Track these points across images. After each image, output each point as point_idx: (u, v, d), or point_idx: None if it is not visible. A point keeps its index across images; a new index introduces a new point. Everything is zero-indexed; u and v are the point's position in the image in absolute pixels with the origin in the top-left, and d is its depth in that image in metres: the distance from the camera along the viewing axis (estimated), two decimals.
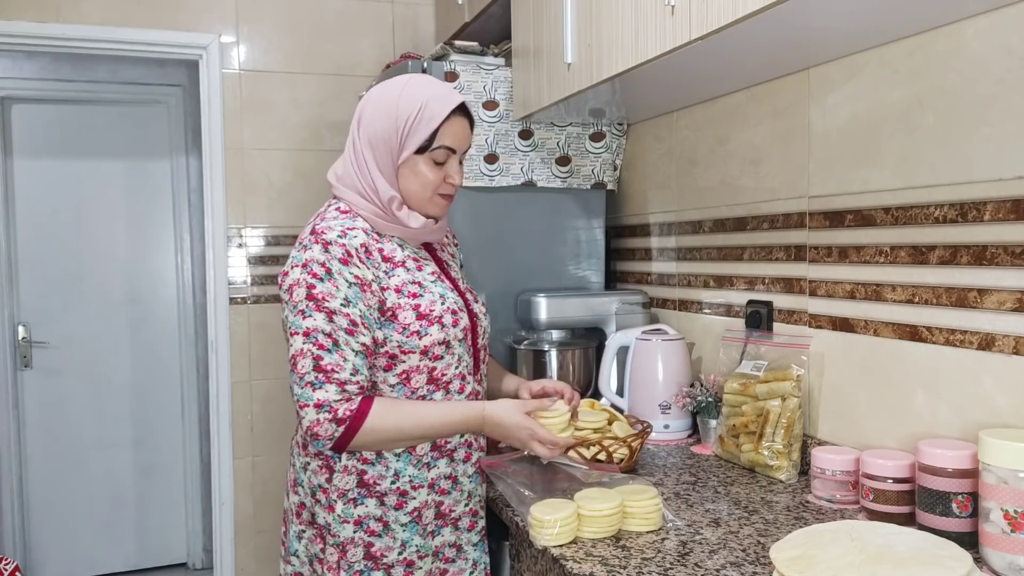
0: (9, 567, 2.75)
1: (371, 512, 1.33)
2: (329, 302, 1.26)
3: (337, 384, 1.25)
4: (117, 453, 3.71)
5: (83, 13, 2.73)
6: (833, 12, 1.26)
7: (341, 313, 1.26)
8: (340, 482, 1.33)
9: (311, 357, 1.25)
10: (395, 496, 1.34)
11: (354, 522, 1.33)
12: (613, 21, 1.63)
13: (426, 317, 1.32)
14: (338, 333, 1.26)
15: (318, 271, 1.27)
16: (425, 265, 1.40)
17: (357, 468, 1.33)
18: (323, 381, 1.25)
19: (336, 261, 1.28)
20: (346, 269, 1.28)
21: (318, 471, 1.35)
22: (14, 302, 3.56)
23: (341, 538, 1.33)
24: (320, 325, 1.26)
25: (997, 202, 1.26)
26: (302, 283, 1.27)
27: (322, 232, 1.30)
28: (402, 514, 1.34)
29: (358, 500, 1.33)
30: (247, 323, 2.93)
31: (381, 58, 3.01)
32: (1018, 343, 1.23)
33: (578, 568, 1.15)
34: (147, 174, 3.71)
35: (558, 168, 2.27)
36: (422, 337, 1.32)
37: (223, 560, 2.95)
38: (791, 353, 1.65)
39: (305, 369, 1.25)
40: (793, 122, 1.71)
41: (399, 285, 1.33)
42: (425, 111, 1.33)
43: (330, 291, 1.26)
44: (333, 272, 1.27)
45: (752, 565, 1.15)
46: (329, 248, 1.28)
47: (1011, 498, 1.06)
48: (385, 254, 1.35)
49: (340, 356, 1.26)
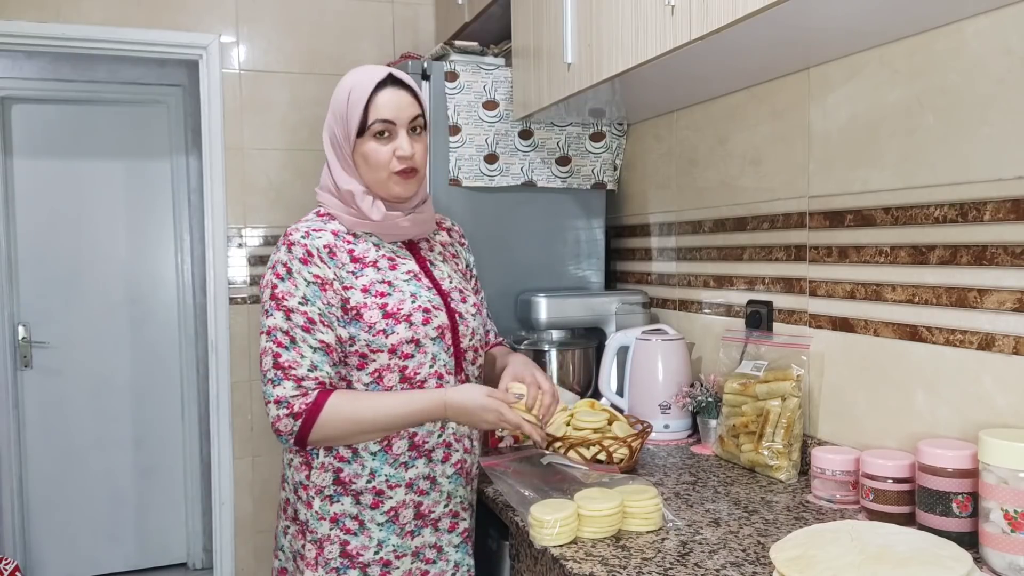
0: (9, 567, 2.75)
1: (347, 510, 1.35)
2: (287, 300, 1.30)
3: (294, 380, 1.28)
4: (117, 453, 3.71)
5: (83, 13, 2.73)
6: (833, 12, 1.26)
7: (298, 311, 1.30)
8: (317, 479, 1.35)
9: (271, 355, 1.30)
10: (371, 495, 1.35)
11: (330, 519, 1.34)
12: (613, 21, 1.63)
13: (393, 316, 1.33)
14: (295, 331, 1.29)
15: (280, 271, 1.32)
16: (401, 264, 1.41)
17: (333, 465, 1.34)
18: (281, 377, 1.29)
19: (296, 261, 1.31)
20: (305, 268, 1.31)
21: (299, 468, 1.37)
22: (14, 302, 3.56)
23: (318, 535, 1.35)
24: (279, 323, 1.30)
25: (997, 202, 1.26)
26: (268, 283, 1.33)
27: (289, 234, 1.35)
28: (378, 513, 1.35)
29: (334, 497, 1.35)
30: (247, 323, 2.93)
31: (381, 58, 3.01)
32: (1018, 343, 1.23)
33: (578, 568, 1.15)
34: (147, 174, 3.71)
35: (558, 168, 2.27)
36: (388, 335, 1.32)
37: (223, 560, 2.94)
38: (791, 353, 1.65)
39: (267, 366, 1.30)
40: (793, 122, 1.71)
41: (366, 285, 1.34)
42: (353, 94, 1.35)
43: (289, 290, 1.30)
44: (293, 271, 1.31)
45: (752, 565, 1.15)
46: (292, 248, 1.32)
47: (1011, 498, 1.06)
48: (355, 255, 1.37)
49: (297, 352, 1.29)
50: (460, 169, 2.17)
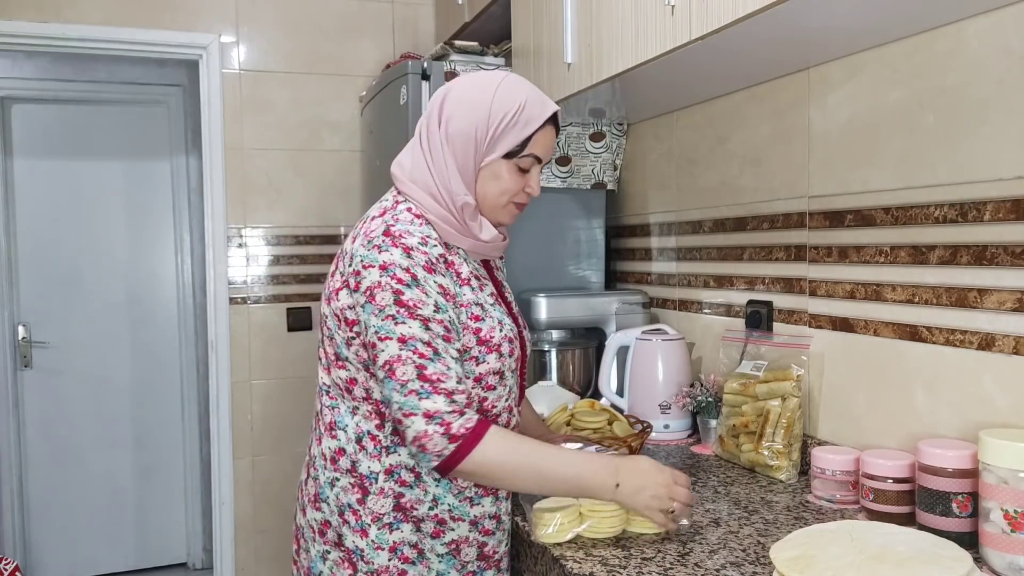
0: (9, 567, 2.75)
1: (406, 538, 1.22)
2: (422, 309, 1.15)
3: (445, 394, 1.13)
4: (117, 453, 3.71)
5: (83, 13, 2.73)
6: (833, 12, 1.26)
7: (435, 320, 1.16)
8: (375, 505, 1.21)
9: (413, 365, 1.14)
10: (432, 523, 1.23)
11: (389, 548, 1.22)
12: (613, 21, 1.63)
13: (486, 343, 1.23)
14: (437, 341, 1.15)
15: (403, 276, 1.16)
16: (485, 285, 1.29)
17: (394, 491, 1.22)
18: (430, 391, 1.13)
19: (420, 268, 1.17)
20: (431, 277, 1.17)
21: (349, 489, 1.23)
22: (14, 302, 3.56)
23: (375, 565, 1.21)
24: (417, 333, 1.15)
25: (997, 202, 1.26)
26: (386, 287, 1.15)
27: (400, 236, 1.18)
28: (439, 544, 1.24)
29: (393, 525, 1.22)
30: (247, 323, 2.93)
31: (381, 58, 3.01)
32: (1018, 343, 1.23)
33: (578, 568, 1.15)
34: (147, 174, 3.71)
35: (558, 168, 2.27)
36: (479, 364, 1.22)
37: (223, 560, 2.95)
38: (791, 353, 1.65)
39: (407, 376, 1.13)
40: (793, 122, 1.71)
41: (465, 304, 1.23)
42: (523, 113, 1.23)
43: (420, 298, 1.16)
44: (419, 279, 1.16)
45: (752, 565, 1.15)
46: (411, 254, 1.17)
47: (1011, 498, 1.06)
48: (455, 268, 1.24)
49: (443, 364, 1.15)
50: None
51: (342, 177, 3.01)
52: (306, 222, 2.99)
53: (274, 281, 2.96)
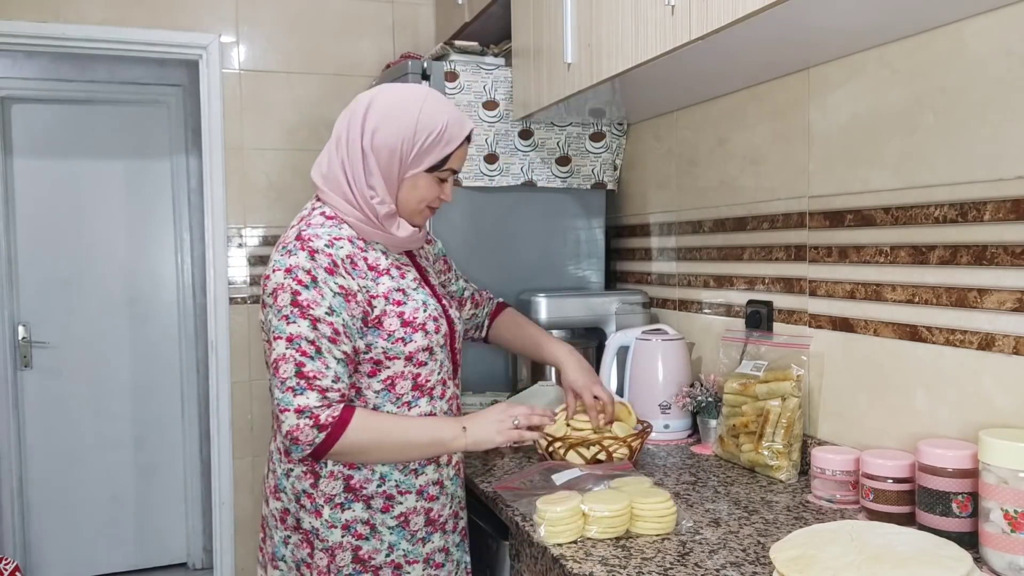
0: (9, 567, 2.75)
1: (358, 516, 1.34)
2: (314, 309, 1.26)
3: (319, 391, 1.25)
4: (117, 453, 3.71)
5: (83, 13, 2.73)
6: (833, 12, 1.26)
7: (325, 321, 1.26)
8: (326, 487, 1.33)
9: (293, 363, 1.25)
10: (381, 499, 1.35)
11: (341, 526, 1.33)
12: (613, 21, 1.63)
13: (410, 324, 1.34)
14: (321, 341, 1.26)
15: (303, 278, 1.26)
16: (407, 272, 1.41)
17: (343, 473, 1.33)
18: (304, 387, 1.24)
19: (322, 270, 1.27)
20: (331, 279, 1.28)
21: (302, 476, 1.34)
22: (14, 302, 3.56)
23: (330, 543, 1.33)
24: (304, 332, 1.25)
25: (997, 202, 1.26)
26: (287, 288, 1.26)
27: (308, 239, 1.29)
28: (388, 517, 1.35)
29: (345, 504, 1.33)
30: (247, 323, 2.93)
31: (381, 58, 3.01)
32: (1018, 343, 1.23)
33: (578, 568, 1.15)
34: (147, 174, 3.71)
35: (558, 168, 2.27)
36: (407, 344, 1.33)
37: (223, 560, 2.95)
38: (791, 353, 1.65)
39: (287, 374, 1.25)
40: (793, 122, 1.71)
41: (385, 292, 1.33)
42: (445, 133, 1.34)
43: (315, 299, 1.26)
44: (319, 280, 1.27)
45: (752, 565, 1.15)
46: (315, 256, 1.27)
47: (1011, 498, 1.06)
48: (370, 263, 1.35)
49: (322, 363, 1.25)
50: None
51: None
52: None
53: None
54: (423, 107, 1.34)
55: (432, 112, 1.34)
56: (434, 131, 1.33)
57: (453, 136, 1.36)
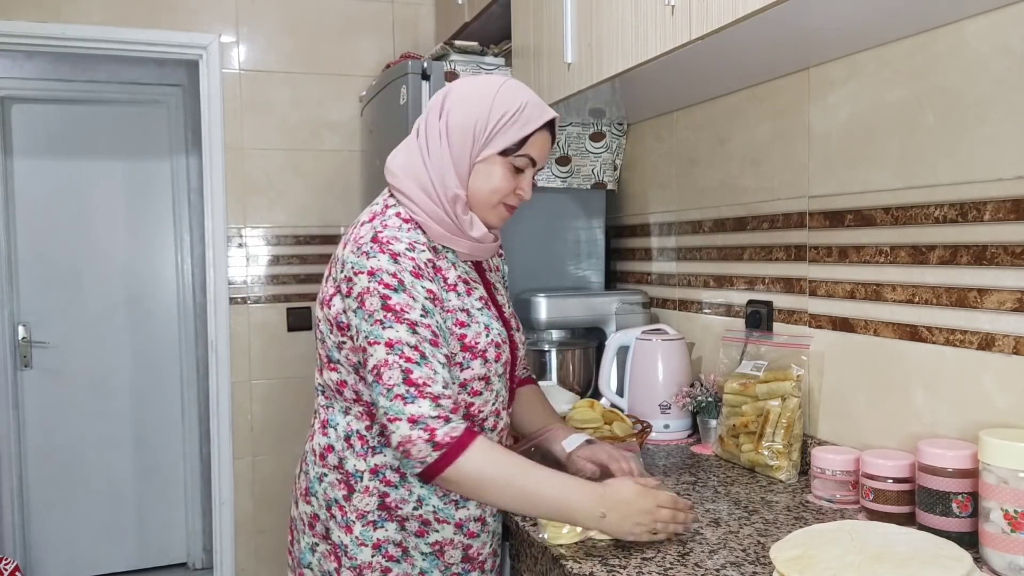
0: (9, 567, 2.75)
1: (390, 536, 1.25)
2: (409, 313, 1.17)
3: (430, 398, 1.14)
4: (117, 453, 3.71)
5: (83, 13, 2.73)
6: (833, 12, 1.26)
7: (423, 324, 1.17)
8: (360, 502, 1.25)
9: (399, 369, 1.15)
10: (416, 523, 1.26)
11: (372, 545, 1.25)
12: (613, 21, 1.63)
13: (470, 349, 1.24)
14: (424, 345, 1.17)
15: (390, 281, 1.18)
16: (474, 290, 1.31)
17: (379, 490, 1.24)
18: (415, 395, 1.14)
19: (408, 273, 1.19)
20: (418, 283, 1.19)
21: (335, 484, 1.26)
22: (14, 302, 3.56)
23: (358, 561, 1.25)
24: (404, 337, 1.16)
25: (997, 202, 1.26)
26: (374, 292, 1.17)
27: (388, 242, 1.20)
28: (423, 543, 1.26)
29: (378, 523, 1.25)
30: (247, 323, 2.93)
31: (381, 58, 3.01)
32: (1018, 343, 1.23)
33: (578, 568, 1.15)
34: (147, 174, 3.71)
35: (558, 168, 2.27)
36: (464, 370, 1.24)
37: (223, 560, 2.95)
38: (791, 353, 1.65)
39: (393, 381, 1.14)
40: (793, 122, 1.71)
41: (450, 310, 1.24)
42: (523, 113, 1.26)
43: (407, 302, 1.17)
44: (406, 284, 1.18)
45: (752, 565, 1.15)
46: (398, 260, 1.19)
47: (1011, 498, 1.06)
48: (442, 274, 1.26)
49: (429, 368, 1.16)
50: None
51: (342, 177, 3.01)
52: (306, 222, 2.99)
53: (274, 281, 2.96)
54: (501, 88, 1.27)
55: (510, 93, 1.27)
56: (511, 110, 1.25)
57: (531, 117, 1.26)
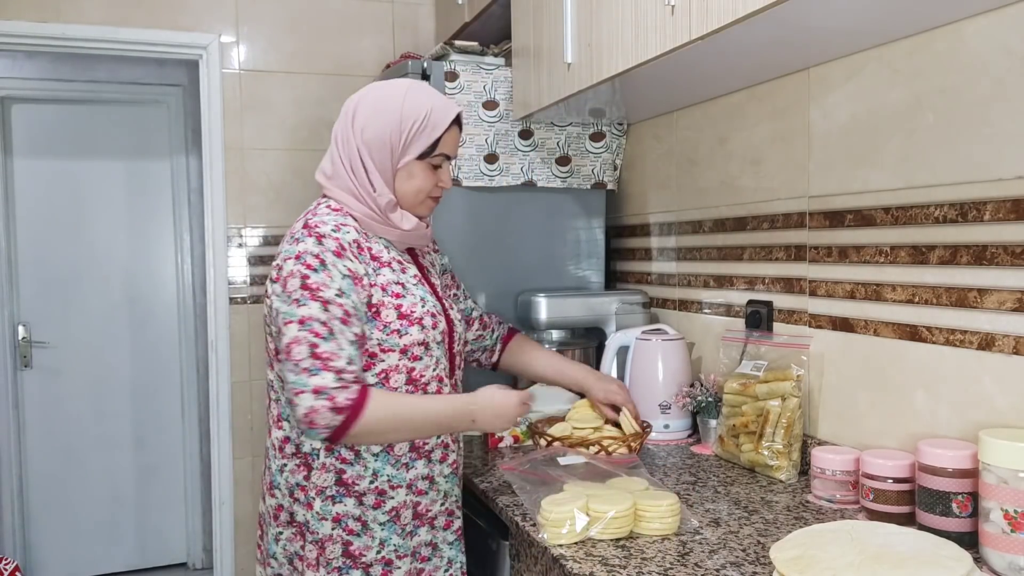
0: (9, 567, 2.75)
1: (350, 511, 1.34)
2: (323, 292, 1.27)
3: (334, 372, 1.24)
4: (117, 453, 3.71)
5: (83, 13, 2.72)
6: (833, 12, 1.26)
7: (335, 303, 1.27)
8: (318, 479, 1.34)
9: (307, 344, 1.25)
10: (373, 495, 1.35)
11: (332, 519, 1.34)
12: (613, 21, 1.63)
13: (407, 317, 1.35)
14: (333, 322, 1.27)
15: (312, 262, 1.28)
16: (408, 268, 1.43)
17: (335, 467, 1.34)
18: (319, 368, 1.24)
19: (330, 253, 1.30)
20: (340, 262, 1.30)
21: (296, 470, 1.35)
22: (14, 302, 3.56)
23: (320, 535, 1.34)
24: (315, 314, 1.26)
25: (997, 202, 1.26)
26: (296, 274, 1.28)
27: (315, 226, 1.32)
28: (380, 513, 1.36)
29: (336, 498, 1.34)
30: (247, 323, 2.93)
31: (381, 58, 3.01)
32: (1018, 343, 1.23)
33: (578, 568, 1.15)
34: (147, 174, 3.71)
35: (558, 168, 2.27)
36: (402, 336, 1.34)
37: (223, 560, 2.94)
38: (791, 353, 1.65)
39: (301, 355, 1.25)
40: (793, 122, 1.71)
41: (384, 283, 1.36)
42: (429, 119, 1.38)
43: (324, 281, 1.28)
44: (327, 263, 1.29)
45: (752, 565, 1.15)
46: (323, 241, 1.30)
47: (1011, 498, 1.06)
48: (373, 253, 1.38)
49: (336, 344, 1.26)
50: (460, 169, 2.16)
51: None
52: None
53: None
54: (406, 97, 1.39)
55: (415, 100, 1.38)
56: (419, 118, 1.37)
57: (439, 121, 1.39)
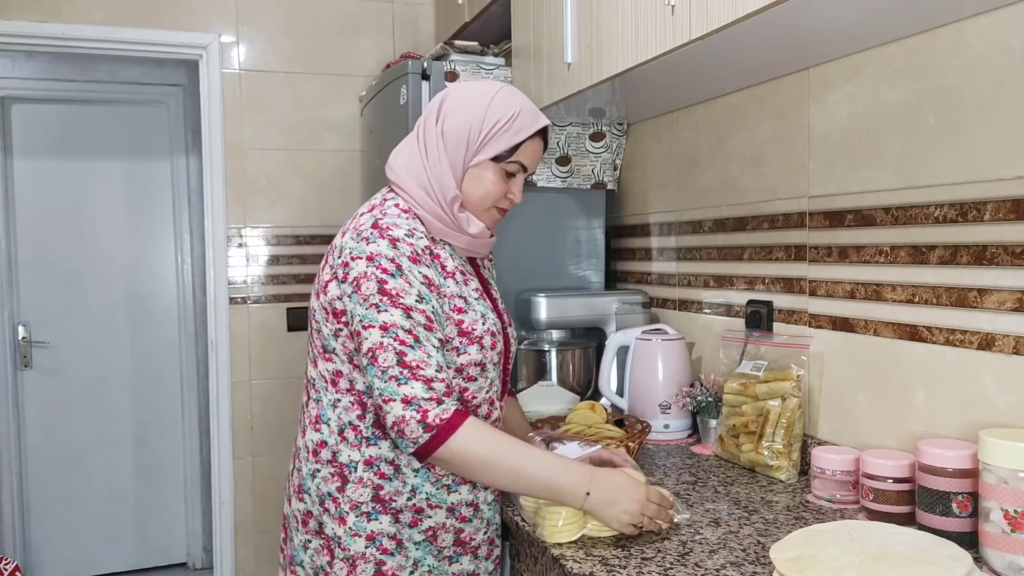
0: (9, 567, 2.75)
1: (384, 529, 1.27)
2: (404, 298, 1.20)
3: (423, 381, 1.18)
4: (117, 453, 3.71)
5: (83, 13, 2.73)
6: (833, 12, 1.26)
7: (417, 309, 1.21)
8: (353, 493, 1.26)
9: (393, 352, 1.18)
10: (410, 513, 1.28)
11: (366, 537, 1.26)
12: (613, 21, 1.63)
13: (467, 335, 1.27)
14: (417, 329, 1.20)
15: (388, 266, 1.21)
16: (471, 280, 1.34)
17: (373, 482, 1.26)
18: (408, 377, 1.17)
19: (405, 258, 1.22)
20: (416, 268, 1.23)
21: (329, 479, 1.28)
22: (14, 302, 3.56)
23: (351, 552, 1.26)
24: (398, 321, 1.19)
25: (997, 202, 1.26)
26: (371, 277, 1.21)
27: (388, 228, 1.24)
28: (416, 532, 1.28)
29: (372, 515, 1.26)
30: (247, 323, 2.93)
31: (381, 58, 3.01)
32: (1018, 343, 1.23)
33: (578, 568, 1.15)
34: (147, 174, 3.71)
35: (558, 168, 2.27)
36: (460, 355, 1.27)
37: (223, 560, 2.95)
38: (791, 353, 1.65)
39: (388, 363, 1.18)
40: (793, 122, 1.71)
41: (448, 296, 1.27)
42: (516, 121, 1.30)
43: (403, 287, 1.21)
44: (404, 269, 1.21)
45: (752, 565, 1.15)
46: (397, 245, 1.22)
47: (1011, 498, 1.06)
48: (440, 261, 1.30)
49: (423, 352, 1.19)
50: None
51: (342, 177, 3.01)
52: (306, 222, 2.99)
53: (274, 281, 2.96)
54: (496, 95, 1.31)
55: (504, 100, 1.31)
56: (504, 118, 1.29)
57: (523, 125, 1.30)
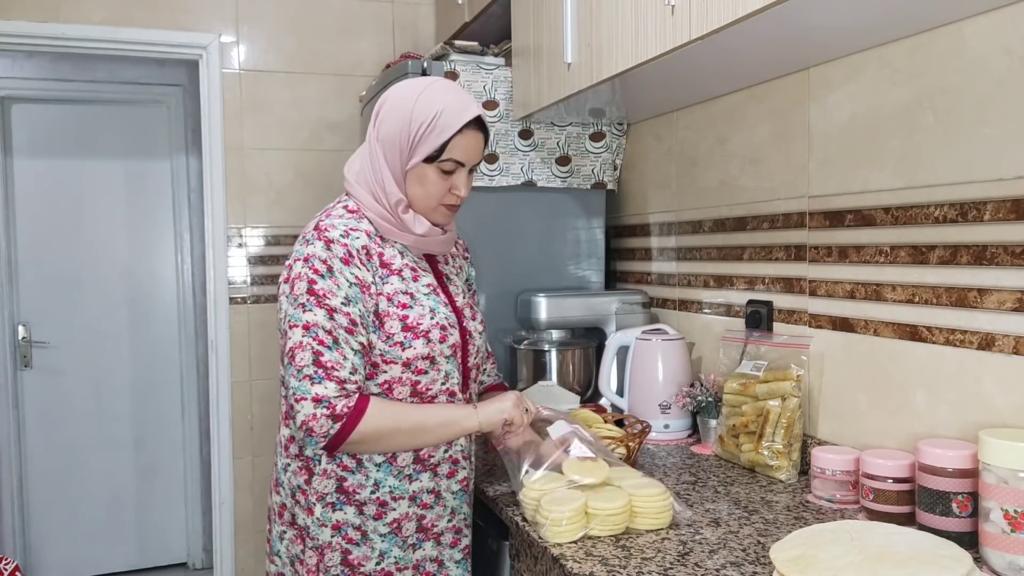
0: (9, 567, 2.75)
1: (350, 520, 1.32)
2: (330, 299, 1.25)
3: (336, 381, 1.23)
4: (117, 453, 3.71)
5: (83, 13, 2.73)
6: (833, 12, 1.26)
7: (341, 312, 1.25)
8: (319, 485, 1.32)
9: (311, 351, 1.24)
10: (374, 506, 1.33)
11: (332, 527, 1.32)
12: (613, 21, 1.63)
13: (412, 329, 1.31)
14: (338, 331, 1.25)
15: (319, 267, 1.26)
16: (422, 276, 1.38)
17: (336, 473, 1.32)
18: (322, 377, 1.23)
19: (337, 260, 1.27)
20: (347, 269, 1.27)
21: (298, 472, 1.34)
22: (14, 302, 3.56)
23: (319, 541, 1.32)
24: (321, 321, 1.24)
25: (997, 202, 1.26)
26: (303, 277, 1.26)
27: (325, 229, 1.30)
28: (381, 524, 1.33)
29: (336, 505, 1.32)
30: (247, 323, 2.93)
31: (381, 58, 3.01)
32: (1018, 343, 1.23)
33: (578, 568, 1.15)
34: (147, 174, 3.71)
35: (558, 168, 2.27)
36: (405, 349, 1.30)
37: (223, 560, 2.95)
38: (791, 353, 1.65)
39: (304, 362, 1.24)
40: (793, 122, 1.71)
41: (391, 293, 1.32)
42: (438, 121, 1.30)
43: (331, 288, 1.26)
44: (334, 270, 1.26)
45: (752, 565, 1.15)
46: (331, 246, 1.28)
47: (1011, 498, 1.06)
48: (384, 259, 1.34)
49: (340, 354, 1.24)
50: None
51: (342, 177, 3.00)
52: (306, 222, 2.98)
53: (274, 281, 2.96)
54: (419, 97, 1.31)
55: (429, 100, 1.30)
56: (427, 119, 1.29)
57: (447, 124, 1.30)
